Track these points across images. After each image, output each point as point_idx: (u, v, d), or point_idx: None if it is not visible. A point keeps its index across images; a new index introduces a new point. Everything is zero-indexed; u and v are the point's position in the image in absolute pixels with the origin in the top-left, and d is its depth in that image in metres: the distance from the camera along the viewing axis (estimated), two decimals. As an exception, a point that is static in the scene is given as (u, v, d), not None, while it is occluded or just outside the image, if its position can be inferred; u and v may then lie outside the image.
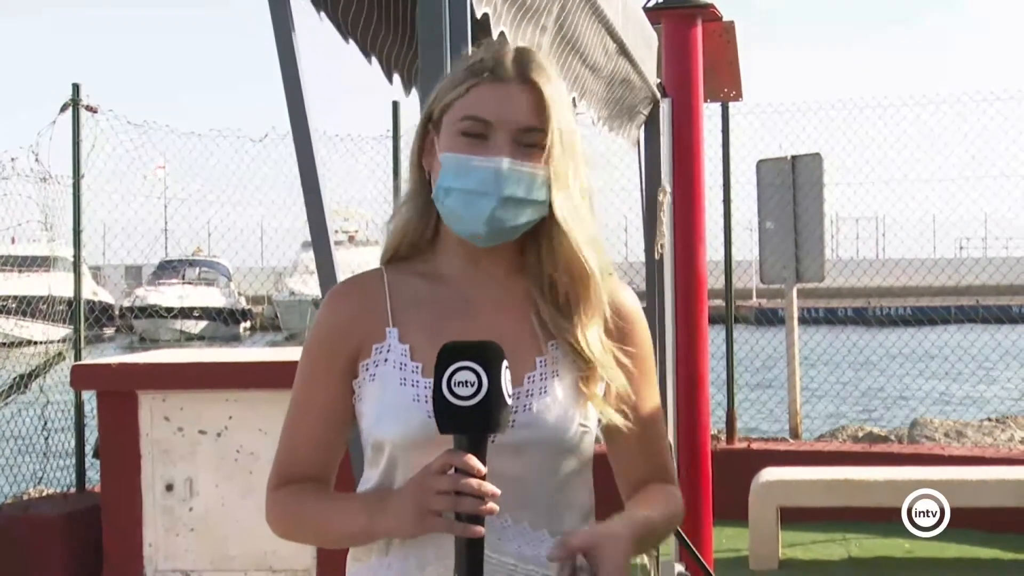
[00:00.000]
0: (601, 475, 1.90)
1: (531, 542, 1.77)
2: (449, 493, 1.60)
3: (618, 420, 1.83)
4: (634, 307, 1.91)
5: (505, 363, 1.61)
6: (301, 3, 2.29)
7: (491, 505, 1.59)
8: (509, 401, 1.61)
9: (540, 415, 1.77)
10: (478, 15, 2.16)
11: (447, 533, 1.62)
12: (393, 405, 1.75)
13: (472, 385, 1.59)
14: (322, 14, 2.39)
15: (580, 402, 1.80)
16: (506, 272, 1.84)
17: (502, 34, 2.30)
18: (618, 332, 1.86)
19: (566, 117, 1.79)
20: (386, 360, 1.78)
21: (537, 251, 1.82)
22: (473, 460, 1.59)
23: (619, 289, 1.90)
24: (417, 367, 1.77)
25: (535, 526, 1.78)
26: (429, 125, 1.82)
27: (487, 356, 1.60)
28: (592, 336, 1.80)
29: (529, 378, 1.78)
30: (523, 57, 1.81)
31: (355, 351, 1.81)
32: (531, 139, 1.76)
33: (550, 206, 1.77)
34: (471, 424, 1.60)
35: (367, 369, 1.80)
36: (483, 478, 1.60)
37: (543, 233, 1.80)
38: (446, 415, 1.60)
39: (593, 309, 1.82)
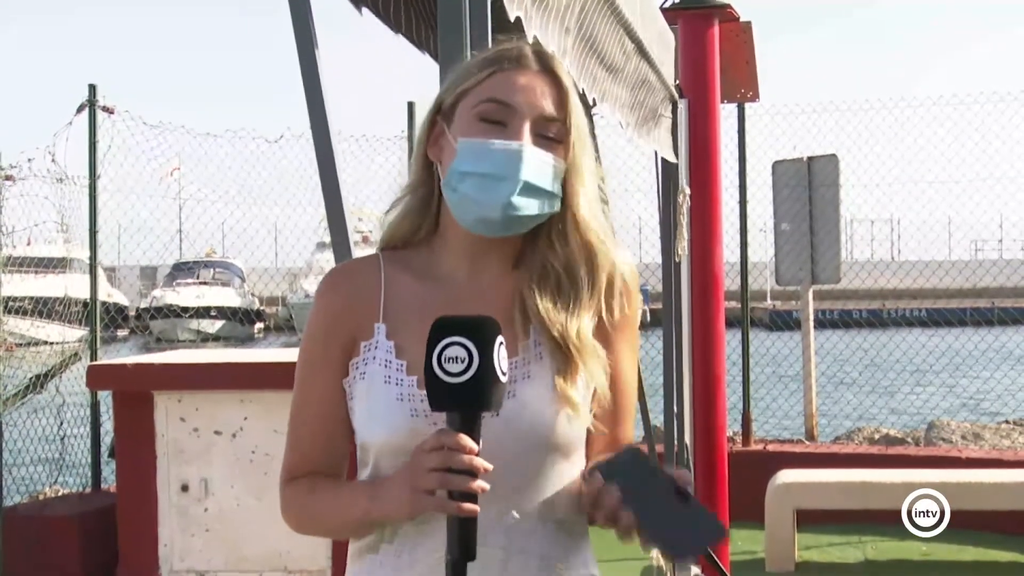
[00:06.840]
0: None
1: (521, 531, 1.74)
2: (440, 471, 1.55)
3: (588, 424, 1.79)
4: (634, 277, 1.88)
5: (500, 339, 1.56)
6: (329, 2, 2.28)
7: (481, 483, 1.55)
8: (503, 379, 1.56)
9: (525, 401, 1.73)
10: (511, 19, 2.16)
11: (440, 512, 1.57)
12: (377, 404, 1.74)
13: (462, 361, 1.53)
14: (364, 10, 2.37)
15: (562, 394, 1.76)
16: (500, 269, 1.81)
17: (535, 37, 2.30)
18: (620, 299, 1.83)
19: (582, 115, 1.80)
20: (374, 358, 1.77)
21: (535, 243, 1.80)
22: (464, 438, 1.55)
23: (625, 259, 1.86)
24: (402, 365, 1.75)
25: (525, 514, 1.74)
26: (438, 116, 1.81)
27: (479, 331, 1.54)
28: (584, 330, 1.77)
29: (513, 363, 1.74)
30: (543, 51, 1.83)
31: (349, 342, 1.79)
32: (550, 130, 1.75)
33: (564, 202, 1.77)
34: (462, 401, 1.55)
35: (357, 368, 1.78)
36: (476, 455, 1.55)
37: (549, 226, 1.78)
38: (436, 392, 1.55)
39: (592, 303, 1.80)
